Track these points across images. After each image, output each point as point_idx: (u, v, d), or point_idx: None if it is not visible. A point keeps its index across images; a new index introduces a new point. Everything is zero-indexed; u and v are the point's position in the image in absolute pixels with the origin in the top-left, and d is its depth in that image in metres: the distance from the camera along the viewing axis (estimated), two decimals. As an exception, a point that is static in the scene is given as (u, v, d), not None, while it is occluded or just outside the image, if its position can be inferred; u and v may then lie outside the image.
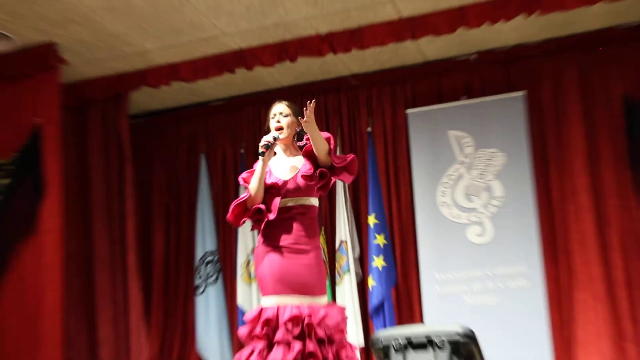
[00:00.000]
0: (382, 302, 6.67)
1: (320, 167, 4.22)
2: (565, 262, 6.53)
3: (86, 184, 7.16)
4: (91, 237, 7.03)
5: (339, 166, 4.17)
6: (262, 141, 4.14)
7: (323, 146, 4.09)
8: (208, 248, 7.51)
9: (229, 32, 6.21)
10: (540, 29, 6.53)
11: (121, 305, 6.95)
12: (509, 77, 6.98)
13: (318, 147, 4.08)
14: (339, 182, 6.93)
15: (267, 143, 4.14)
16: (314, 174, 4.15)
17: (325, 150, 4.10)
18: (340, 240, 6.94)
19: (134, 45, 6.39)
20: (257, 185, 4.13)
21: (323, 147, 4.09)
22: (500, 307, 6.42)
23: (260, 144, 4.12)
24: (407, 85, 7.27)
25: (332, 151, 4.16)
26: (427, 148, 6.92)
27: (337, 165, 4.17)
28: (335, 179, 4.38)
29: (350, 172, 4.25)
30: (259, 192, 4.17)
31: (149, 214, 8.01)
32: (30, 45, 6.29)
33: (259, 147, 4.16)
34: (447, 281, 6.64)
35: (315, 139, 4.06)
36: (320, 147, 4.08)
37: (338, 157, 4.20)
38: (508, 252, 6.47)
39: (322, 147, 4.09)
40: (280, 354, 3.89)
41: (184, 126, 8.10)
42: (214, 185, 7.80)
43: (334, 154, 4.17)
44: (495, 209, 6.59)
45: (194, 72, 6.76)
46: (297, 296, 4.11)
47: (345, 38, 6.29)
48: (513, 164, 6.59)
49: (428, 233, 6.81)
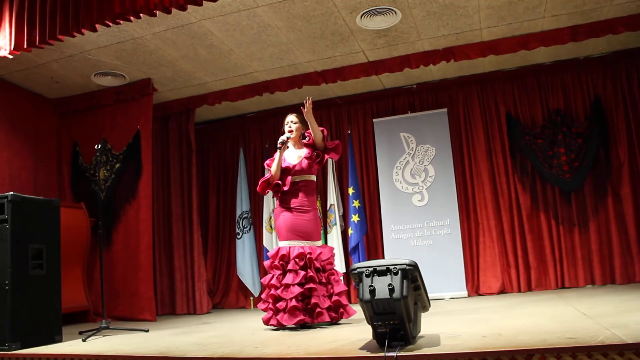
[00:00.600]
0: (357, 244, 6.87)
1: (317, 150, 4.67)
2: (474, 217, 6.86)
3: (167, 167, 7.38)
4: (169, 202, 7.27)
5: (330, 147, 4.68)
6: (279, 139, 4.68)
7: (318, 132, 4.59)
8: (244, 209, 7.65)
9: (259, 70, 6.40)
10: (455, 69, 6.82)
11: (188, 245, 7.13)
12: (437, 99, 7.20)
13: (315, 132, 4.58)
14: (329, 165, 7.12)
15: (282, 140, 4.66)
16: (313, 154, 4.65)
17: (320, 136, 4.60)
18: (330, 204, 7.13)
19: (198, 79, 6.58)
20: (276, 168, 4.63)
21: (318, 133, 4.59)
22: (432, 247, 6.69)
23: (278, 141, 4.66)
24: (373, 103, 7.46)
25: (324, 137, 4.65)
26: (386, 144, 7.11)
27: (329, 147, 4.67)
28: (327, 157, 4.76)
29: (336, 152, 4.74)
30: (277, 173, 4.65)
31: (206, 187, 8.16)
32: (135, 80, 6.54)
33: (277, 143, 4.67)
34: (399, 231, 6.87)
35: (312, 125, 4.55)
36: (316, 132, 4.57)
37: (329, 142, 4.71)
38: (438, 211, 6.75)
39: (318, 133, 4.59)
40: (291, 278, 4.37)
41: (229, 130, 8.17)
42: (248, 168, 7.87)
43: (326, 140, 4.68)
44: (430, 183, 6.84)
45: (237, 95, 6.92)
46: (302, 241, 4.56)
47: (333, 74, 6.53)
48: (440, 155, 6.87)
49: (387, 199, 7.00)
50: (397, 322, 2.85)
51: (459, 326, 3.71)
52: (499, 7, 5.29)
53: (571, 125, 6.58)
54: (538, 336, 2.92)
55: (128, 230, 6.48)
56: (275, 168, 4.64)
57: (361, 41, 5.87)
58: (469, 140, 7.02)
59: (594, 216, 6.42)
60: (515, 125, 6.79)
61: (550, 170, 6.58)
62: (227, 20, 5.21)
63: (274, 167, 4.65)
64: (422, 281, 3.07)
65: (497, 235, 6.71)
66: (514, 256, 6.63)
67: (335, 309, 4.48)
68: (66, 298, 5.16)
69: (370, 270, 2.94)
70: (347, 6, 5.09)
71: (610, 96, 6.55)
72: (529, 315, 4.04)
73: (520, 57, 6.50)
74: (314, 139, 4.64)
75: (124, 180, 6.63)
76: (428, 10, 5.26)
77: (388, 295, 2.82)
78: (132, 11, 4.32)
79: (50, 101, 6.87)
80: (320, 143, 4.67)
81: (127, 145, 6.63)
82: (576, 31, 5.74)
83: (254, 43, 5.74)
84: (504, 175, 6.79)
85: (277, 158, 4.66)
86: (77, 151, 6.87)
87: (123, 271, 6.38)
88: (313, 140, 4.66)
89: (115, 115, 6.75)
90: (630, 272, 6.16)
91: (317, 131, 4.62)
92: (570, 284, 6.36)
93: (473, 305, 5.37)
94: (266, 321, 4.48)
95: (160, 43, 5.61)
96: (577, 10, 5.42)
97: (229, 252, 7.86)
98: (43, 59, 5.75)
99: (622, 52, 6.52)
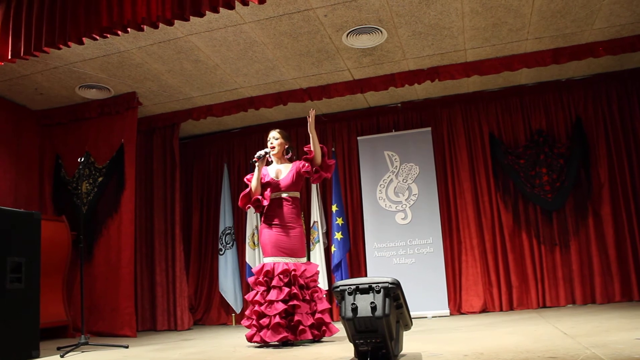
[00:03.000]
0: (340, 261, 6.84)
1: (314, 165, 4.61)
2: (457, 236, 6.86)
3: (150, 181, 7.29)
4: (152, 216, 7.16)
5: (329, 164, 4.64)
6: (256, 154, 4.65)
7: (319, 148, 4.56)
8: (227, 224, 7.60)
9: (244, 86, 6.39)
10: (440, 89, 6.91)
11: (170, 261, 7.04)
12: (421, 118, 7.26)
13: (315, 147, 4.55)
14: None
15: (258, 155, 4.61)
16: (312, 170, 4.61)
17: (320, 151, 4.57)
18: (313, 221, 7.11)
19: (184, 94, 6.55)
20: (256, 183, 4.61)
21: (319, 149, 4.56)
22: (415, 265, 6.67)
23: (255, 155, 4.64)
24: (358, 121, 7.49)
25: (325, 154, 4.63)
26: (370, 162, 7.12)
27: (329, 164, 4.63)
28: (324, 176, 4.73)
29: (331, 171, 4.75)
30: (257, 188, 4.63)
31: (190, 202, 8.11)
32: (120, 93, 6.49)
33: (256, 155, 4.62)
34: (382, 249, 6.85)
35: (314, 139, 4.53)
36: (317, 148, 4.55)
37: (328, 160, 4.66)
38: (421, 230, 6.74)
39: (318, 149, 4.56)
40: (275, 294, 4.34)
41: (214, 145, 8.16)
42: (232, 184, 7.83)
43: (327, 156, 4.65)
44: (413, 202, 6.84)
45: (222, 110, 6.90)
46: (287, 257, 4.54)
47: (319, 91, 6.54)
48: (424, 173, 6.88)
49: (370, 217, 6.99)
50: (379, 341, 2.84)
51: (440, 345, 3.71)
52: (483, 29, 5.38)
53: (553, 145, 6.66)
54: (519, 355, 2.93)
55: (110, 244, 6.40)
56: (255, 183, 4.63)
57: (347, 59, 5.90)
58: (452, 159, 7.06)
59: (575, 236, 6.48)
60: (498, 145, 6.86)
61: (533, 190, 6.63)
62: (214, 36, 5.22)
63: (253, 182, 4.64)
64: (405, 299, 3.07)
65: (479, 254, 6.73)
66: (496, 275, 6.64)
67: (317, 327, 4.45)
68: (45, 313, 5.09)
69: (352, 288, 2.94)
70: (334, 24, 5.13)
71: (591, 118, 6.66)
72: (511, 334, 4.04)
73: (503, 78, 6.61)
74: (314, 153, 4.60)
75: (107, 194, 6.56)
76: (414, 30, 5.32)
77: (370, 313, 2.82)
78: (120, 25, 4.29)
79: (33, 113, 6.81)
80: (319, 159, 4.64)
81: (110, 159, 6.58)
82: (558, 53, 5.84)
83: (240, 59, 5.75)
84: (486, 195, 6.83)
85: (256, 173, 4.64)
86: (60, 164, 6.81)
87: (104, 286, 6.29)
88: (313, 155, 4.61)
89: (99, 129, 6.70)
90: (610, 292, 6.21)
91: (318, 147, 4.60)
92: (551, 303, 6.39)
93: (455, 324, 5.38)
94: (250, 338, 4.44)
95: (146, 57, 5.60)
96: (559, 33, 5.52)
97: (211, 268, 7.81)
98: (27, 70, 5.72)
99: (603, 75, 6.67)
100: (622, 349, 2.86)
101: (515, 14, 5.12)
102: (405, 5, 4.88)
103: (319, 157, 4.63)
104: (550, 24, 5.35)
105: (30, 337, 4.26)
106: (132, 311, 6.16)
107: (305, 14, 4.93)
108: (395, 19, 5.08)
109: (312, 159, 4.64)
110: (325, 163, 4.66)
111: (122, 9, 4.21)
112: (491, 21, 5.24)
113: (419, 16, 5.07)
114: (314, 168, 4.65)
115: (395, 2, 4.82)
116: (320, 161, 4.64)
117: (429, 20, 5.15)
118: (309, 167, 4.62)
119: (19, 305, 4.20)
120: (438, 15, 5.06)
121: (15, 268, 4.22)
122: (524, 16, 5.17)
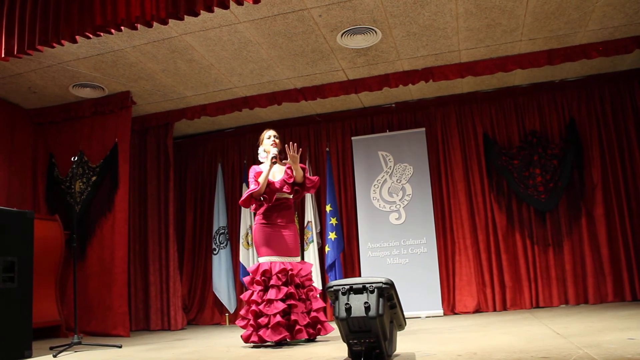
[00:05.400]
0: (334, 261, 6.83)
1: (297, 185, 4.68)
2: (450, 236, 6.87)
3: (144, 180, 7.27)
4: (146, 216, 7.16)
5: (308, 186, 4.69)
6: (271, 153, 4.65)
7: (300, 172, 4.60)
8: (221, 224, 7.61)
9: (239, 85, 6.39)
10: (434, 89, 6.91)
11: (164, 260, 7.02)
12: (415, 118, 7.27)
13: (297, 171, 4.59)
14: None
15: (274, 155, 4.64)
16: (292, 190, 4.66)
17: (301, 174, 4.61)
18: (307, 221, 7.08)
19: (178, 93, 6.54)
20: (264, 182, 4.55)
21: (300, 172, 4.61)
22: (408, 265, 6.67)
23: (270, 155, 4.64)
24: (352, 121, 7.49)
25: (305, 177, 4.66)
26: (364, 162, 7.11)
27: (308, 186, 4.69)
28: (305, 193, 4.87)
29: (315, 188, 4.77)
30: (264, 187, 4.56)
31: (183, 201, 8.09)
32: (114, 93, 6.48)
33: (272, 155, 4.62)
34: (376, 249, 6.85)
35: (296, 169, 4.57)
36: (298, 172, 4.59)
37: (309, 179, 4.69)
38: (415, 230, 6.75)
39: (300, 172, 4.61)
40: (274, 293, 4.31)
41: (208, 145, 8.16)
42: (226, 183, 7.84)
43: (307, 177, 4.68)
44: (407, 202, 6.85)
45: (216, 110, 6.90)
46: (283, 257, 4.53)
47: (313, 91, 6.54)
48: (418, 174, 6.88)
49: (364, 217, 6.99)
50: (372, 341, 2.84)
51: (434, 345, 3.71)
52: (477, 30, 5.39)
53: (547, 146, 6.68)
54: (512, 355, 2.93)
55: (103, 243, 6.38)
56: (264, 182, 4.57)
57: (341, 59, 5.91)
58: (446, 160, 7.08)
59: (568, 236, 6.50)
60: (492, 145, 6.88)
61: (526, 190, 6.65)
62: (208, 35, 5.21)
63: (262, 178, 4.58)
64: (398, 299, 3.06)
65: (473, 254, 6.74)
66: (490, 275, 6.66)
67: (313, 326, 4.45)
68: (38, 312, 5.06)
69: (346, 288, 2.94)
70: (328, 25, 5.13)
71: (584, 118, 6.69)
72: (504, 335, 4.05)
73: (497, 78, 6.63)
74: (295, 177, 4.64)
75: (100, 193, 6.55)
76: (408, 30, 5.33)
77: (364, 313, 2.81)
78: (113, 24, 4.28)
79: (26, 112, 6.78)
80: (300, 180, 4.68)
81: (104, 158, 6.56)
82: (552, 55, 5.87)
83: (234, 58, 5.74)
84: (480, 195, 6.84)
85: (265, 172, 4.60)
86: (53, 163, 6.78)
87: (97, 285, 6.27)
88: (294, 179, 4.64)
89: (93, 128, 6.68)
90: (602, 292, 6.24)
91: (300, 171, 4.64)
92: (544, 303, 6.41)
93: (448, 324, 5.38)
94: (246, 338, 4.40)
95: (141, 56, 5.59)
96: (553, 34, 5.54)
97: (205, 268, 7.79)
98: (21, 68, 5.69)
99: (596, 76, 6.70)
100: (615, 348, 2.87)
101: (510, 15, 5.13)
102: (399, 6, 4.89)
103: (300, 178, 4.68)
104: (544, 26, 5.37)
105: (22, 336, 4.24)
106: (126, 311, 6.14)
107: (299, 14, 4.93)
108: (390, 19, 5.09)
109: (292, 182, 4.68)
110: (305, 186, 4.73)
111: (115, 8, 4.19)
112: (485, 22, 5.25)
113: (413, 17, 5.08)
114: (295, 188, 4.71)
115: (389, 3, 4.83)
116: (302, 181, 4.70)
117: (424, 21, 5.16)
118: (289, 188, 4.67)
119: (11, 304, 4.18)
120: (432, 16, 5.07)
121: (8, 267, 4.19)
122: (518, 17, 5.18)
